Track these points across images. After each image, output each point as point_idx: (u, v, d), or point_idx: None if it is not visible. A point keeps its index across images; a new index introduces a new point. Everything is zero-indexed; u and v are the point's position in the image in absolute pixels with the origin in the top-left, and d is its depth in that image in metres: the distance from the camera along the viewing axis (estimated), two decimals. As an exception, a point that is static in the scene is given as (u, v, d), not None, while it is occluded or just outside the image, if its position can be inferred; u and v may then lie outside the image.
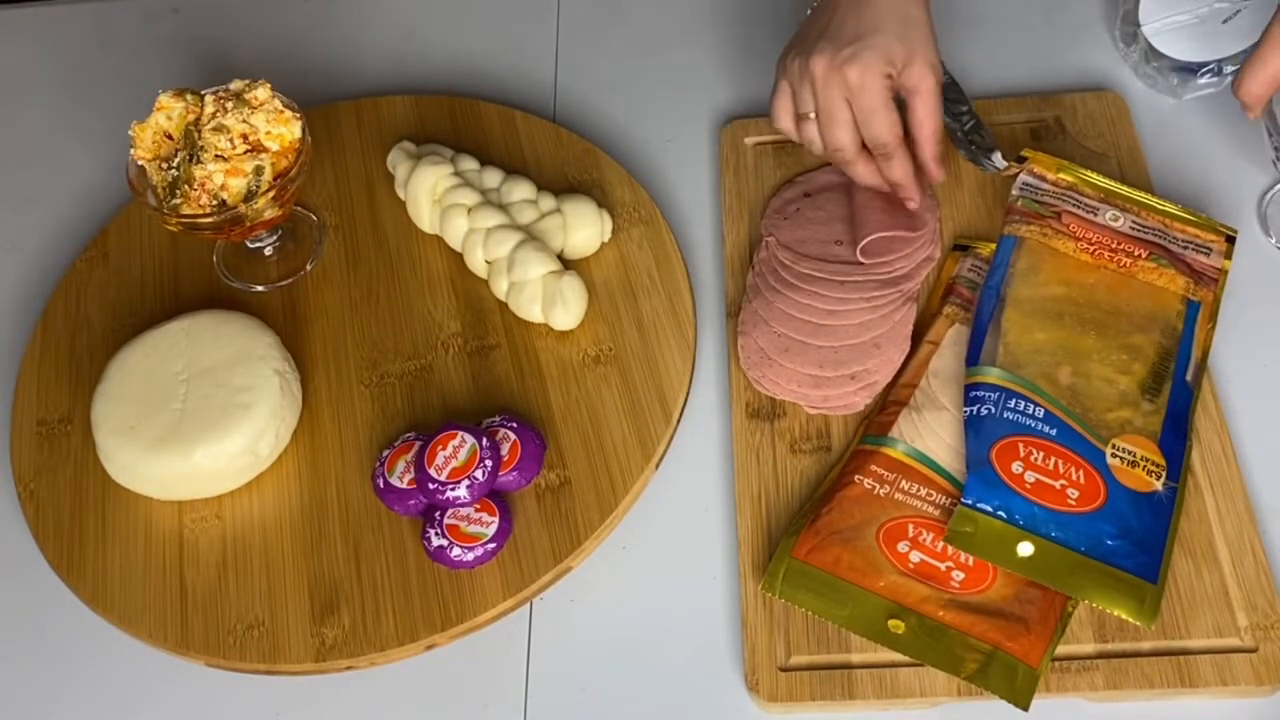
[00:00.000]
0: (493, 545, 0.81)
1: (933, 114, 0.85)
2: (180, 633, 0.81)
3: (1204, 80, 0.98)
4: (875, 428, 0.84)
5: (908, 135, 0.86)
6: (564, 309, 0.89)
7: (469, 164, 0.97)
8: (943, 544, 0.77)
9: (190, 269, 0.98)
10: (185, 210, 0.87)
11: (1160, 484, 0.78)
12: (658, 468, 0.86)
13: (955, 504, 0.78)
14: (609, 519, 0.83)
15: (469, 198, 0.94)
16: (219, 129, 0.88)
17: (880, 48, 0.82)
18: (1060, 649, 0.75)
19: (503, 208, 0.94)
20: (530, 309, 0.90)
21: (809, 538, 0.79)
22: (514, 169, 0.98)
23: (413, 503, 0.83)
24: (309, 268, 0.97)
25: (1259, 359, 0.87)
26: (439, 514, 0.81)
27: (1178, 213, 0.89)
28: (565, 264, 0.92)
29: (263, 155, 0.88)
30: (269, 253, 0.97)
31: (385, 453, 0.85)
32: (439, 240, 0.96)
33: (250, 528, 0.85)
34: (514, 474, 0.83)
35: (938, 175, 0.88)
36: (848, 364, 0.86)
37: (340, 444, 0.88)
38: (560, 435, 0.86)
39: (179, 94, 0.90)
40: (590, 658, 0.80)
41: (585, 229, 0.93)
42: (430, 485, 0.81)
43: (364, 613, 0.80)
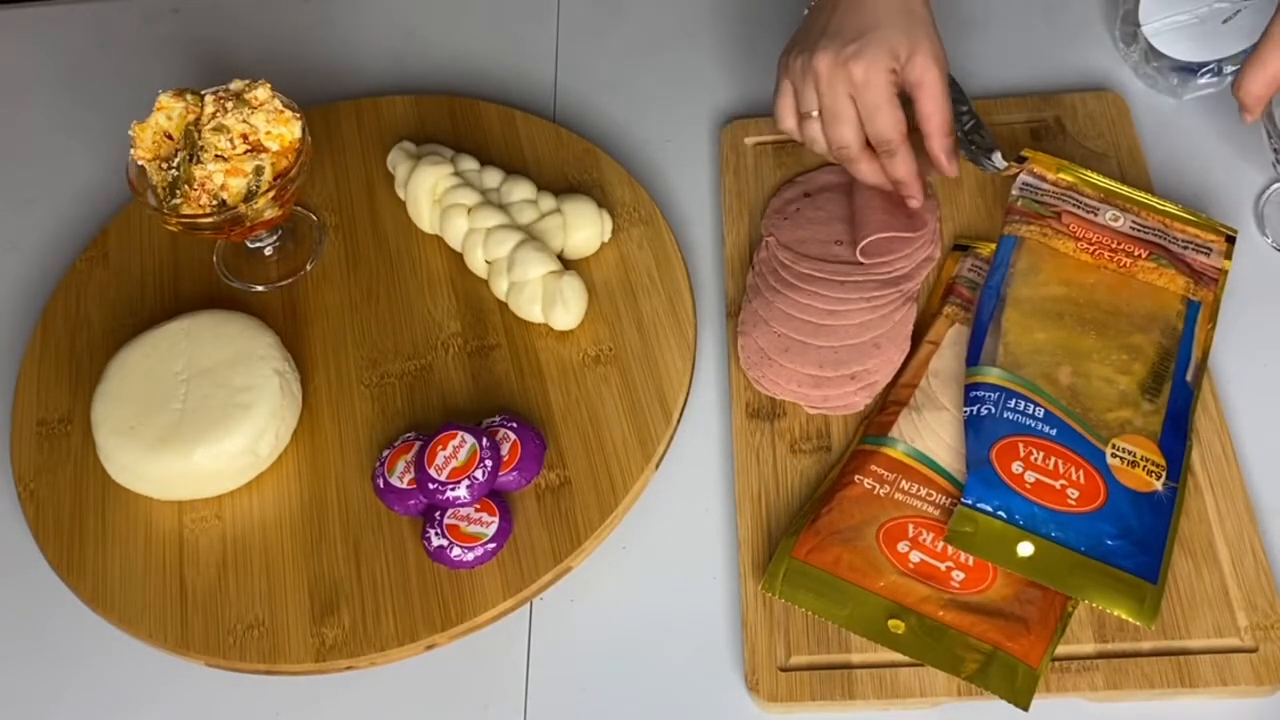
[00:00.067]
0: (493, 545, 0.81)
1: (940, 107, 0.84)
2: (180, 633, 0.81)
3: (1204, 80, 0.98)
4: (875, 428, 0.84)
5: (912, 132, 0.86)
6: (564, 309, 0.89)
7: (469, 164, 0.97)
8: (943, 544, 0.77)
9: (190, 269, 0.98)
10: (185, 210, 0.87)
11: (1160, 484, 0.78)
12: (658, 468, 0.86)
13: (955, 504, 0.78)
14: (609, 519, 0.83)
15: (469, 198, 0.94)
16: (219, 129, 0.88)
17: (884, 42, 0.82)
18: (1060, 649, 0.75)
19: (503, 208, 0.94)
20: (530, 309, 0.90)
21: (809, 538, 0.79)
22: (514, 169, 0.98)
23: (413, 503, 0.83)
24: (309, 268, 0.97)
25: (1259, 359, 0.87)
26: (439, 514, 0.81)
27: (1178, 213, 0.89)
28: (565, 264, 0.92)
29: (263, 155, 0.88)
30: (269, 253, 0.97)
31: (385, 453, 0.85)
32: (439, 240, 0.96)
33: (250, 528, 0.85)
34: (514, 474, 0.83)
35: (950, 169, 0.86)
36: (848, 364, 0.86)
37: (340, 444, 0.88)
38: (560, 435, 0.86)
39: (179, 94, 0.90)
40: (590, 658, 0.80)
41: (585, 229, 0.93)
42: (430, 485, 0.81)
43: (364, 613, 0.80)
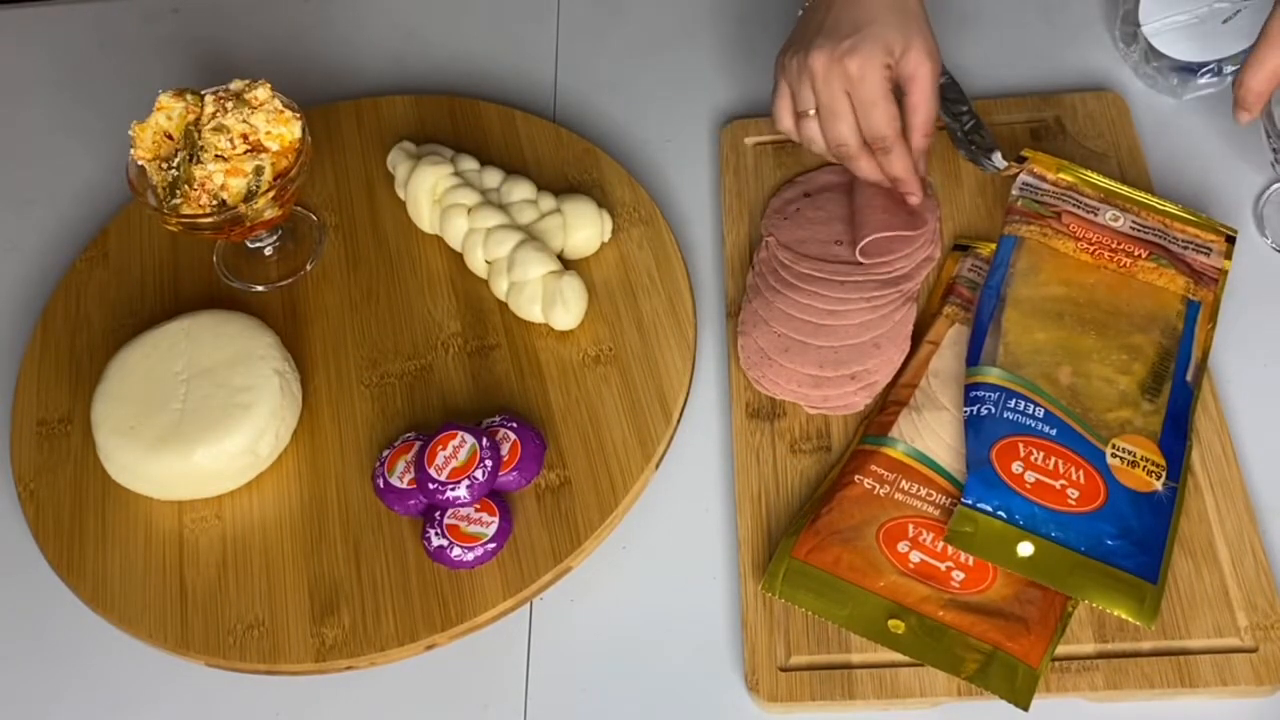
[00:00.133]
0: (493, 545, 0.81)
1: (927, 100, 0.85)
2: (180, 633, 0.81)
3: (1204, 80, 0.98)
4: (875, 428, 0.83)
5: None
6: (564, 309, 0.89)
7: (469, 164, 0.97)
8: (943, 544, 0.77)
9: (190, 269, 0.98)
10: (185, 210, 0.87)
11: (1160, 484, 0.78)
12: (658, 468, 0.86)
13: (955, 504, 0.78)
14: (609, 519, 0.83)
15: (469, 198, 0.94)
16: (219, 129, 0.88)
17: (878, 38, 0.83)
18: (1060, 649, 0.75)
19: (503, 208, 0.94)
20: (530, 309, 0.90)
21: (809, 538, 0.79)
22: (514, 169, 0.98)
23: (413, 503, 0.83)
24: (309, 268, 0.97)
25: (1259, 359, 0.87)
26: (439, 514, 0.81)
27: (1178, 213, 0.89)
28: (565, 264, 0.92)
29: (263, 155, 0.88)
30: (269, 253, 0.97)
31: (385, 453, 0.85)
32: (439, 240, 0.96)
33: (250, 528, 0.85)
34: (514, 474, 0.83)
35: (920, 167, 0.87)
36: (848, 364, 0.86)
37: (340, 444, 0.88)
38: (560, 435, 0.86)
39: (179, 94, 0.90)
40: (590, 658, 0.80)
41: (585, 229, 0.93)
42: (430, 485, 0.81)
43: (364, 613, 0.80)
